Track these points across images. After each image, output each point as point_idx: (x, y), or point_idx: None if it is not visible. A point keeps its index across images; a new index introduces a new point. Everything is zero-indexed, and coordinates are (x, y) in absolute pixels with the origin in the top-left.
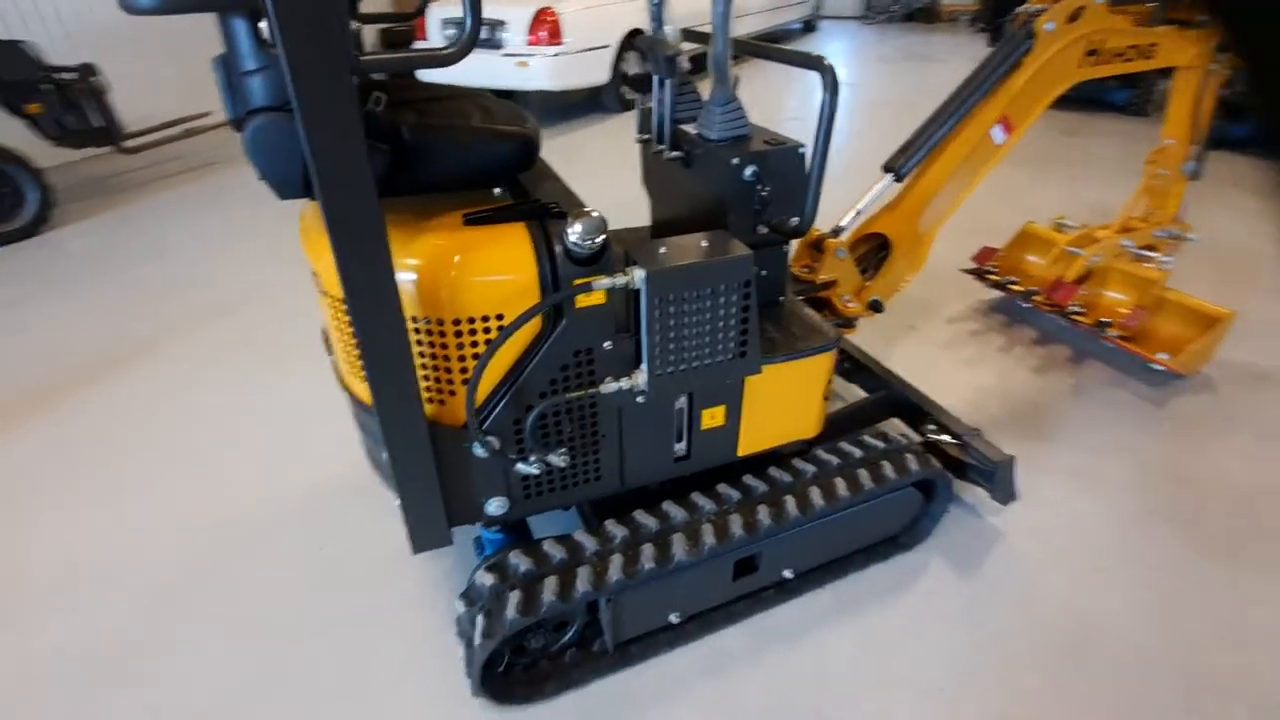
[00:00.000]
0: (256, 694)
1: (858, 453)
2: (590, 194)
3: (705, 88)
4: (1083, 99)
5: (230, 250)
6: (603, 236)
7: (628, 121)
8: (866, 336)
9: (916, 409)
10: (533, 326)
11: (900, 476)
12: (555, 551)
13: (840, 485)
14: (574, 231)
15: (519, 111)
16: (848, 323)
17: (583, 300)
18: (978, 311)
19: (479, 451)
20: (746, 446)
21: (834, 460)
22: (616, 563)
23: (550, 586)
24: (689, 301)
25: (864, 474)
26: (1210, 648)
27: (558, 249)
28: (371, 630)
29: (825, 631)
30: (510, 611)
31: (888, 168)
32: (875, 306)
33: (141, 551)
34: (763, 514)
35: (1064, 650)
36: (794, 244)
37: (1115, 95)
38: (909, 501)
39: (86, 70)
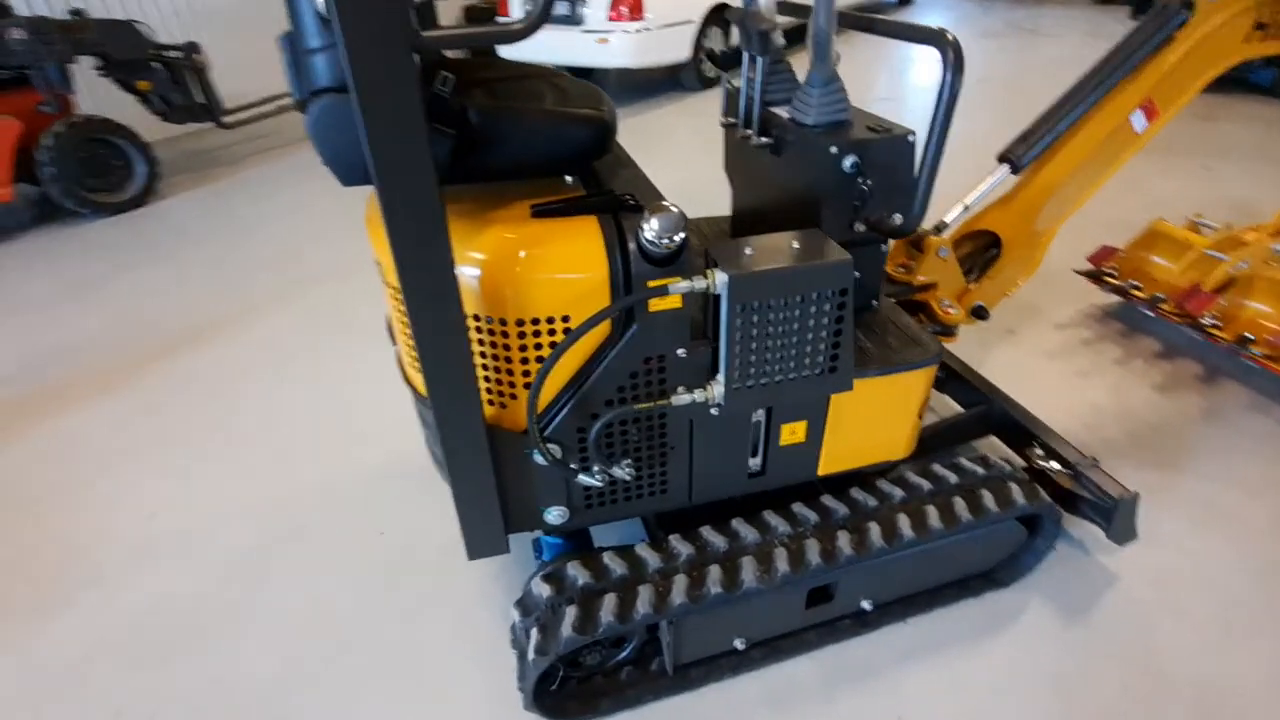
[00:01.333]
0: (309, 678)
1: (953, 478)
2: (666, 178)
3: (799, 65)
4: (1221, 79)
5: (318, 226)
6: (682, 235)
7: (709, 100)
8: (958, 341)
9: (1021, 429)
10: (601, 330)
11: (1002, 510)
12: (615, 566)
13: (932, 514)
14: (650, 228)
15: (595, 92)
16: (947, 330)
17: (656, 304)
18: (1091, 318)
19: (539, 459)
20: (828, 466)
21: (925, 485)
22: (680, 584)
23: (609, 605)
24: (776, 310)
25: (960, 503)
26: None
27: (631, 246)
28: (425, 621)
29: (905, 672)
30: (566, 629)
31: (1004, 158)
32: (979, 313)
33: (216, 522)
34: (843, 541)
35: None
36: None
37: (1260, 75)
38: (1010, 535)
39: (191, 48)
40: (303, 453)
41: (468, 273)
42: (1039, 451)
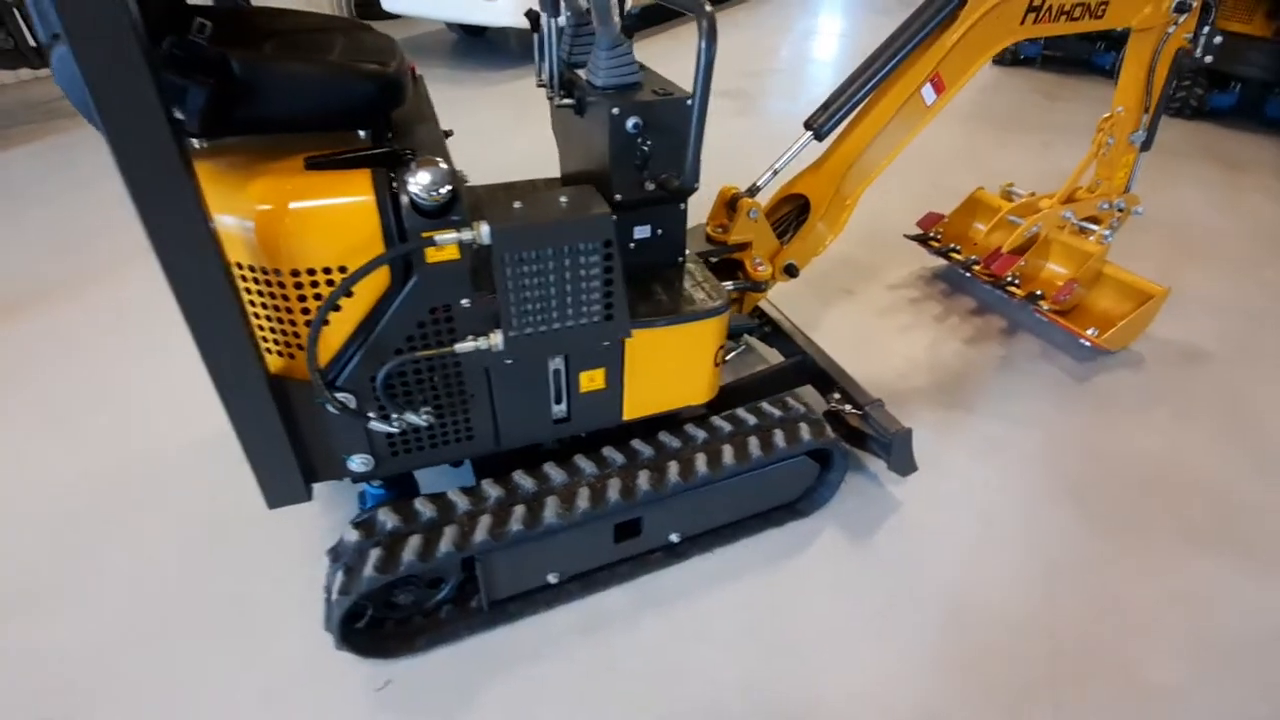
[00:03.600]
0: (139, 640)
1: (752, 420)
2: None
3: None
4: (1067, 60)
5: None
6: (448, 188)
7: None
8: (801, 300)
9: (825, 376)
10: (381, 282)
11: (790, 446)
12: (425, 510)
13: (728, 452)
14: (417, 182)
15: (386, 48)
16: (757, 286)
17: (434, 255)
18: (920, 279)
19: (331, 408)
20: (632, 410)
21: (726, 427)
22: (484, 523)
23: (413, 545)
24: (543, 260)
25: (754, 442)
26: (1081, 621)
27: (404, 199)
28: (256, 581)
29: (709, 596)
30: (368, 569)
31: (808, 125)
32: (790, 271)
33: (42, 495)
34: (643, 479)
35: (941, 623)
36: (705, 200)
37: (1102, 58)
38: (804, 470)
39: None
40: (137, 425)
41: (241, 224)
42: (835, 395)
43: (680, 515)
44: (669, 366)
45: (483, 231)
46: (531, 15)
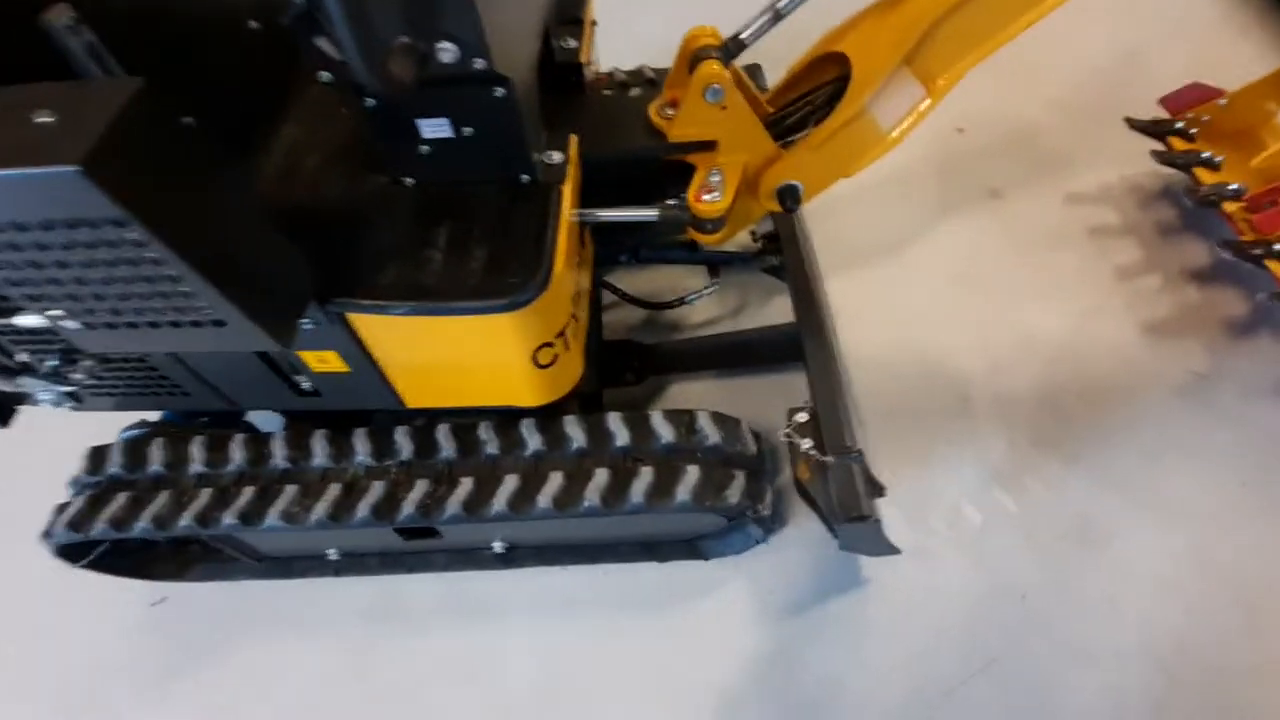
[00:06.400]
0: None
1: (622, 436)
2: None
3: None
4: None
5: None
6: None
7: None
8: (911, 189)
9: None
10: None
11: (654, 501)
12: (154, 460)
13: (550, 486)
14: None
15: None
16: (700, 225)
17: None
18: (1131, 192)
19: None
20: (418, 399)
21: (576, 440)
22: (198, 504)
23: (111, 509)
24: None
25: (600, 479)
26: None
27: None
28: None
29: (527, 621)
30: (62, 523)
31: None
32: (786, 199)
33: None
34: (412, 496)
35: None
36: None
37: None
38: (695, 516)
39: None
40: None
41: None
42: (801, 416)
43: (502, 528)
44: (452, 361)
45: None
46: None
